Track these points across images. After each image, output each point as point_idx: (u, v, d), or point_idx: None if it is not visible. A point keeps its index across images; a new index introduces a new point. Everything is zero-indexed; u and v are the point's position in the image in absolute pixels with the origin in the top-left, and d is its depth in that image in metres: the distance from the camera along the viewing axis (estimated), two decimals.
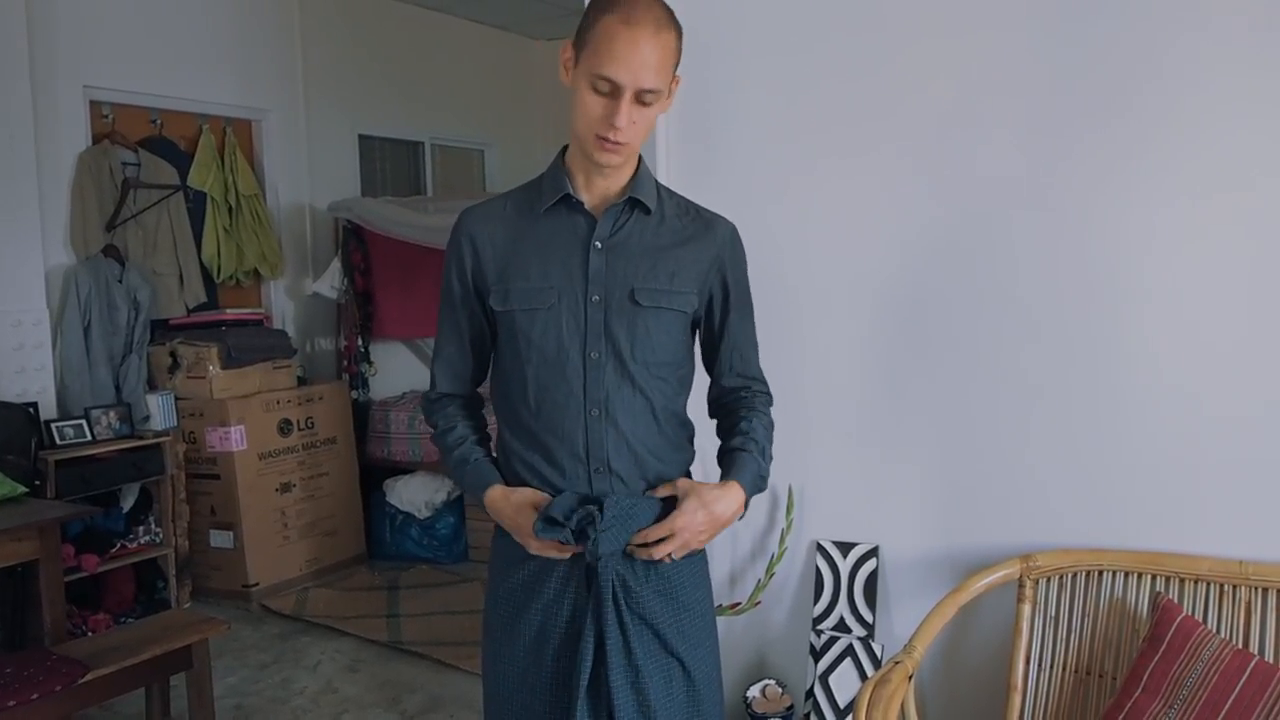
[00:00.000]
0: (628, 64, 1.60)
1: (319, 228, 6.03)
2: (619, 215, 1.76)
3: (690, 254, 1.78)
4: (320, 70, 5.99)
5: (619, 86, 1.61)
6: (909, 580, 2.61)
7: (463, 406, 1.90)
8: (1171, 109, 2.22)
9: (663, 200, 1.81)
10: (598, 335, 1.72)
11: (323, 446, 5.32)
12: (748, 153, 2.72)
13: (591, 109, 1.65)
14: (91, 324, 4.63)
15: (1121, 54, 2.26)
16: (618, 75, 1.60)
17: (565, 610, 1.75)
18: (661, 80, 1.63)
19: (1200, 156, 2.21)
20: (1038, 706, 2.30)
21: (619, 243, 1.75)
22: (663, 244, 1.77)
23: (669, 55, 1.64)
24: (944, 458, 2.53)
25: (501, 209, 1.82)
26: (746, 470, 1.76)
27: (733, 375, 1.88)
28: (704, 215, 1.85)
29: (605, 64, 1.61)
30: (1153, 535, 2.29)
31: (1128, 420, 2.31)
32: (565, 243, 1.75)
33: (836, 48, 2.58)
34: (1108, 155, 2.29)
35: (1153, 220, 2.26)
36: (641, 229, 1.76)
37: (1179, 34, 2.20)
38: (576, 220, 1.75)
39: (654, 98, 1.64)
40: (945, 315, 2.50)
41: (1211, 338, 2.23)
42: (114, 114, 4.99)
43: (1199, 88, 2.20)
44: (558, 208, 1.76)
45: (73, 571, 4.17)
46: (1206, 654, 2.05)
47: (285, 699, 3.81)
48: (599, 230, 1.74)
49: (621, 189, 1.76)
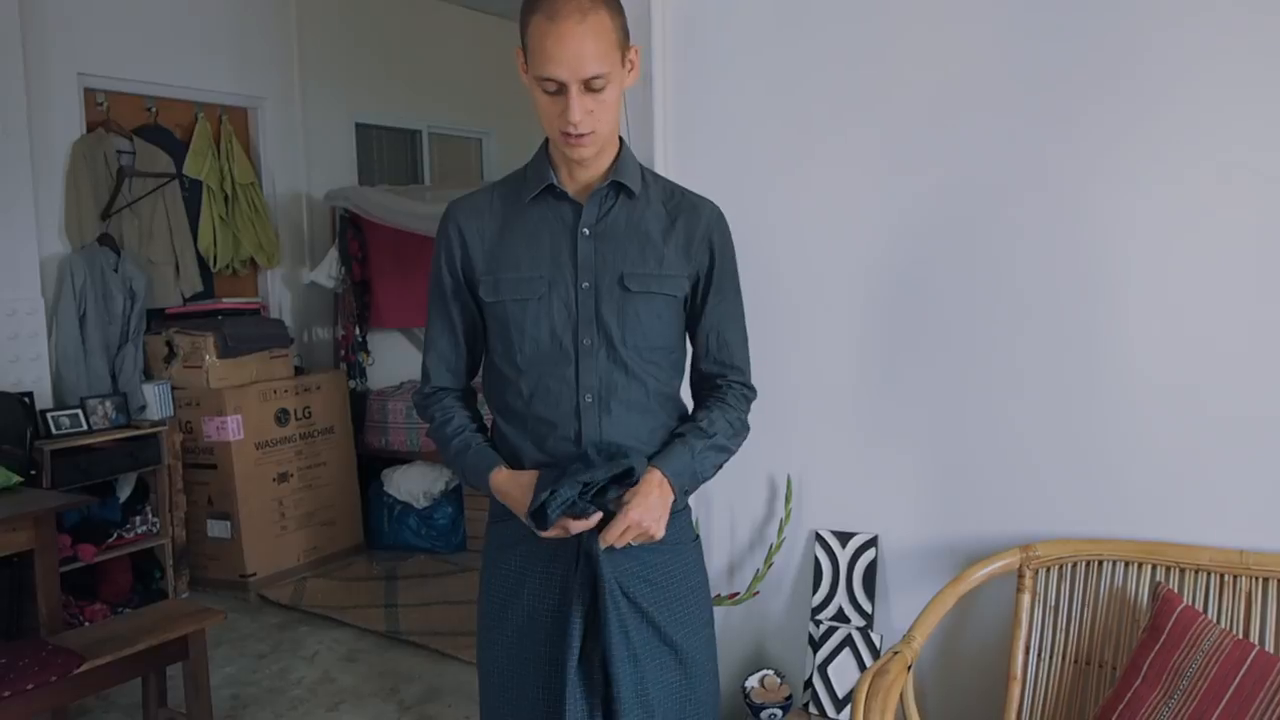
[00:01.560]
0: (562, 60, 1.59)
1: (316, 216, 6.02)
2: (604, 200, 1.76)
3: (677, 237, 1.78)
4: (317, 58, 5.96)
5: (562, 84, 1.61)
6: (908, 570, 2.60)
7: (458, 399, 1.89)
8: (1164, 95, 2.20)
9: (647, 183, 1.81)
10: (589, 322, 1.73)
11: (320, 436, 5.31)
12: (743, 140, 2.70)
13: (547, 109, 1.66)
14: (87, 313, 4.62)
15: (1116, 40, 2.24)
16: (557, 73, 1.60)
17: (554, 593, 1.76)
18: (605, 64, 1.61)
19: (1195, 142, 2.19)
20: (1037, 697, 2.29)
21: (606, 228, 1.75)
22: (650, 228, 1.77)
23: (605, 35, 1.62)
24: (943, 447, 2.51)
25: (488, 200, 1.82)
26: (672, 459, 1.74)
27: (709, 360, 1.86)
28: (689, 198, 1.84)
29: (543, 64, 1.60)
30: (1153, 525, 2.28)
31: (1128, 409, 2.30)
32: (553, 231, 1.75)
33: (831, 35, 2.56)
34: (1101, 141, 2.27)
35: (1152, 209, 2.24)
36: (628, 213, 1.76)
37: (1174, 19, 2.18)
38: (562, 208, 1.76)
39: (603, 82, 1.62)
40: (944, 304, 2.48)
41: (1212, 325, 2.21)
42: (108, 101, 4.96)
43: (1193, 72, 2.17)
44: (543, 197, 1.76)
45: (70, 561, 4.17)
46: (1207, 644, 2.04)
47: (283, 689, 3.80)
48: (585, 217, 1.74)
49: (604, 173, 1.76)
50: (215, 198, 5.39)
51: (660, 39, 2.72)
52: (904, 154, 2.50)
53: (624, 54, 1.68)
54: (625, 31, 1.68)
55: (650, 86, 2.72)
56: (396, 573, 5.14)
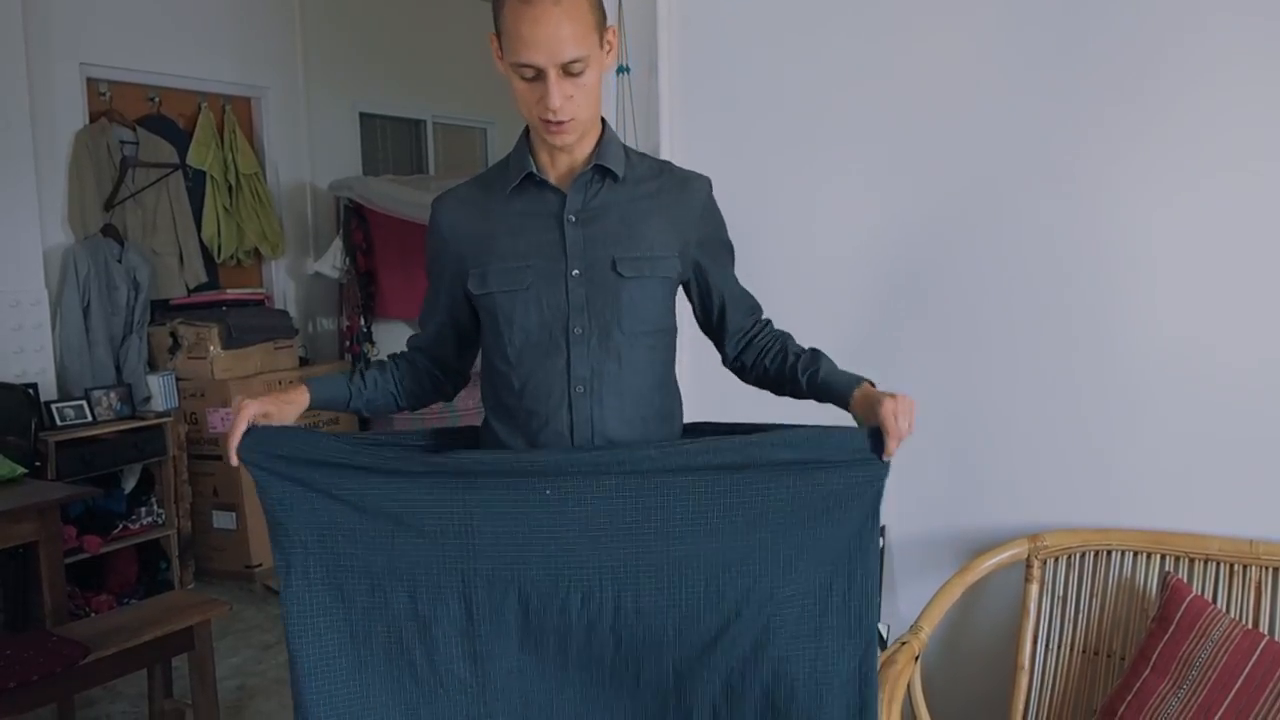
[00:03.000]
0: (538, 44, 1.53)
1: (320, 207, 6.00)
2: (588, 185, 1.71)
3: (667, 217, 1.73)
4: (320, 47, 5.94)
5: (540, 69, 1.56)
6: (915, 560, 2.58)
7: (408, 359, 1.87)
8: (1189, 88, 2.18)
9: (632, 164, 1.75)
10: (580, 310, 1.68)
11: (325, 428, 5.30)
12: (748, 129, 2.68)
13: (524, 96, 1.61)
14: (91, 304, 4.61)
15: (1139, 32, 2.22)
16: (533, 58, 1.55)
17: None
18: (583, 46, 1.56)
19: (1211, 141, 2.17)
20: (1045, 687, 2.28)
21: (593, 214, 1.70)
22: (638, 210, 1.72)
23: (582, 17, 1.56)
24: (950, 437, 2.50)
25: (471, 193, 1.78)
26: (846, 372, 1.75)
27: (736, 318, 1.83)
28: (677, 174, 1.79)
29: (519, 50, 1.55)
30: (1162, 514, 2.27)
31: (1136, 398, 2.29)
32: (538, 220, 1.70)
33: (838, 25, 2.54)
34: (1115, 138, 2.26)
35: (1162, 200, 2.23)
36: (615, 197, 1.71)
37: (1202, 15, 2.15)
38: (546, 196, 1.71)
39: (581, 65, 1.57)
40: (952, 293, 2.47)
41: (1221, 316, 2.20)
42: (111, 92, 4.95)
43: (1217, 65, 2.15)
44: (524, 186, 1.71)
45: (75, 553, 4.17)
46: (1216, 634, 2.03)
47: (288, 680, 3.80)
48: (570, 204, 1.69)
49: (587, 158, 1.71)
50: (219, 188, 5.37)
51: (665, 26, 2.69)
52: (912, 144, 2.48)
53: (602, 35, 1.62)
54: (602, 11, 1.63)
55: (655, 75, 2.70)
56: None
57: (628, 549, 1.61)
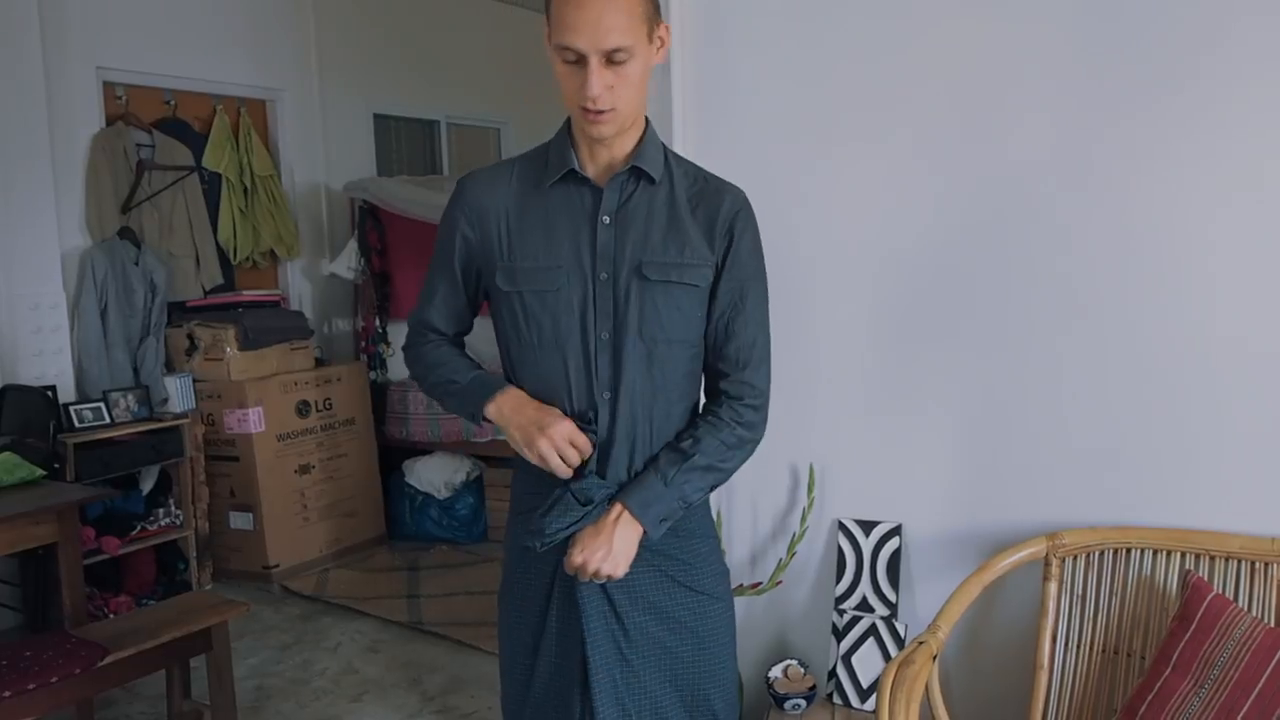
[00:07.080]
0: (581, 29, 1.52)
1: (335, 208, 6.02)
2: (624, 186, 1.69)
3: (699, 224, 1.70)
4: (335, 49, 5.96)
5: (582, 54, 1.54)
6: (932, 559, 2.57)
7: (456, 344, 1.85)
8: (1223, 87, 2.14)
9: (670, 168, 1.73)
10: (606, 314, 1.66)
11: (341, 428, 5.32)
12: (765, 126, 2.67)
13: (567, 81, 1.59)
14: (108, 306, 4.64)
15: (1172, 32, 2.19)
16: (576, 42, 1.53)
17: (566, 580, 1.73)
18: (629, 36, 1.53)
19: (1243, 142, 2.13)
20: (1064, 686, 2.27)
21: (627, 216, 1.68)
22: (672, 215, 1.69)
23: (630, 8, 1.54)
24: (968, 434, 2.49)
25: (506, 179, 1.75)
26: (638, 490, 1.66)
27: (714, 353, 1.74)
28: (713, 183, 1.76)
29: (563, 33, 1.54)
30: (1182, 512, 2.25)
31: (1156, 394, 2.26)
32: (572, 218, 1.68)
33: (859, 23, 2.52)
34: (1149, 135, 2.21)
35: (1190, 200, 2.20)
36: (650, 199, 1.69)
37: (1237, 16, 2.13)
38: (583, 193, 1.69)
39: (625, 55, 1.54)
40: (969, 290, 2.45)
41: (1245, 313, 2.17)
42: (127, 95, 4.98)
43: (1252, 64, 2.12)
44: (564, 181, 1.69)
45: (94, 554, 4.20)
46: (1238, 633, 2.00)
47: (306, 680, 3.81)
48: (605, 204, 1.67)
49: (626, 156, 1.69)
50: (234, 190, 5.40)
51: (679, 23, 2.68)
52: (936, 143, 2.46)
53: (652, 29, 1.60)
54: (655, 5, 1.60)
55: (669, 72, 2.69)
56: (418, 563, 5.15)
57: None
